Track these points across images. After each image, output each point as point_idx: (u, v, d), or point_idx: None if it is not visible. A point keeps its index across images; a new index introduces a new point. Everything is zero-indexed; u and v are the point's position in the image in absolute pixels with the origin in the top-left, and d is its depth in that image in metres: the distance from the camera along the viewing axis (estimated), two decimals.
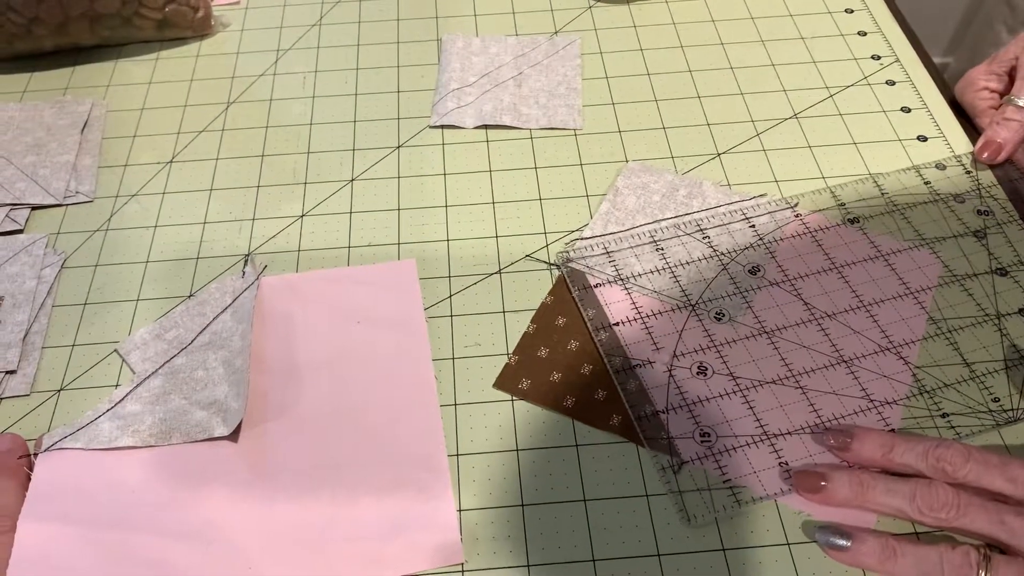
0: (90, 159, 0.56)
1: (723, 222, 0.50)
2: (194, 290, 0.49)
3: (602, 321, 0.45)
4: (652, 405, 0.42)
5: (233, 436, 0.41)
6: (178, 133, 0.58)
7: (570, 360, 0.44)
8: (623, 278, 0.47)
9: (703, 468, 0.40)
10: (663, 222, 0.50)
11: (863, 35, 0.63)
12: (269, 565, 0.38)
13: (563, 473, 0.40)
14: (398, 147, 0.56)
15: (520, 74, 0.60)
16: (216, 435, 0.41)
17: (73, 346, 0.46)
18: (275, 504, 0.40)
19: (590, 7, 0.66)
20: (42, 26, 0.60)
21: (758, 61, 0.61)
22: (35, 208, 0.53)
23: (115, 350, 0.46)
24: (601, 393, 0.43)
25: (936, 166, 0.53)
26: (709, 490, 0.39)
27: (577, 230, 0.51)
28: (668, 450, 0.40)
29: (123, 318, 0.47)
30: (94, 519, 0.39)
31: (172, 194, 0.54)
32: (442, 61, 0.62)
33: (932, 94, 0.58)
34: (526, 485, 0.40)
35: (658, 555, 0.38)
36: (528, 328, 0.46)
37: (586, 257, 0.48)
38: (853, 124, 0.56)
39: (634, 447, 0.41)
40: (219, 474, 0.40)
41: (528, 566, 0.38)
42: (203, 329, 0.46)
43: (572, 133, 0.57)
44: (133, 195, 0.54)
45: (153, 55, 0.64)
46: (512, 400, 0.43)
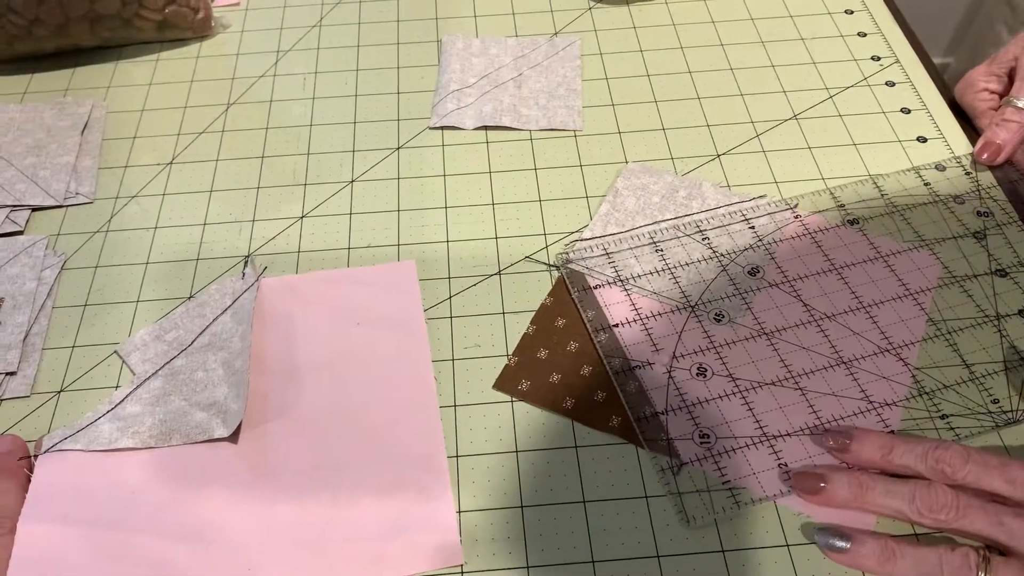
0: (90, 160, 0.56)
1: (723, 223, 0.50)
2: (194, 291, 0.49)
3: (601, 322, 0.45)
4: (651, 406, 0.42)
5: (233, 437, 0.41)
6: (178, 134, 0.58)
7: (570, 361, 0.44)
8: (622, 279, 0.47)
9: (702, 469, 0.40)
10: (663, 223, 0.50)
11: (863, 36, 0.63)
12: (269, 566, 0.38)
13: (562, 474, 0.40)
14: (398, 148, 0.56)
15: (520, 75, 0.60)
16: (216, 436, 0.41)
17: (73, 347, 0.46)
18: (275, 505, 0.40)
19: (590, 8, 0.66)
20: (42, 27, 0.60)
21: (758, 62, 0.61)
22: (35, 209, 0.53)
23: (115, 351, 0.46)
24: (600, 394, 0.43)
25: (936, 167, 0.53)
26: (708, 491, 0.39)
27: (577, 231, 0.51)
28: (667, 451, 0.40)
29: (123, 319, 0.47)
30: (94, 520, 0.39)
31: (172, 195, 0.54)
32: (442, 62, 0.62)
33: (932, 95, 0.58)
34: (525, 486, 0.40)
35: (657, 556, 0.38)
36: (528, 329, 0.46)
37: (586, 258, 0.48)
38: (853, 125, 0.56)
39: (633, 448, 0.41)
40: (219, 475, 0.41)
41: (527, 567, 0.38)
42: (203, 330, 0.46)
43: (572, 134, 0.57)
44: (133, 196, 0.54)
45: (153, 56, 0.64)
46: (512, 401, 0.43)
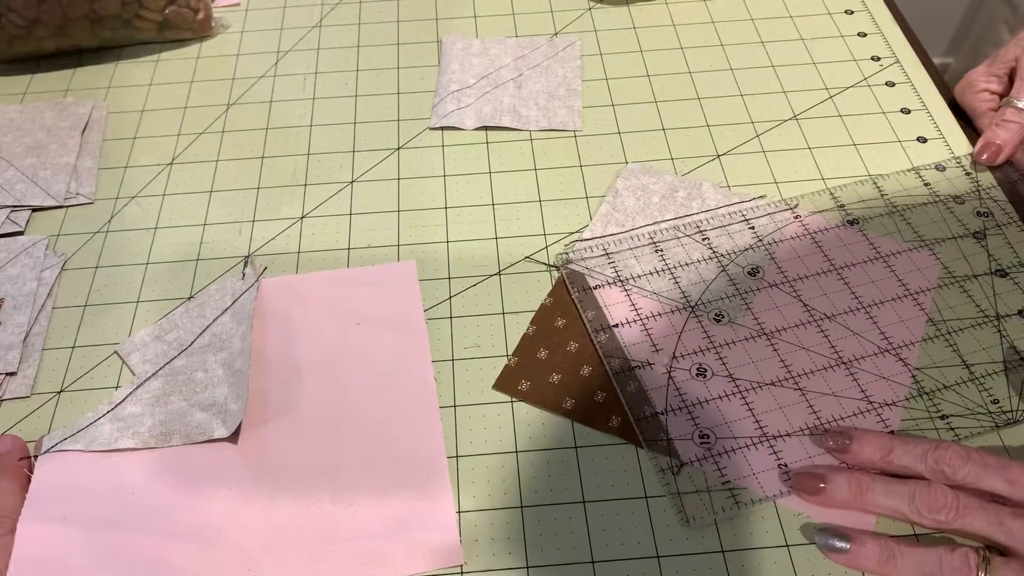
0: (91, 161, 0.56)
1: (722, 223, 0.50)
2: (194, 292, 0.49)
3: (601, 323, 0.45)
4: (651, 407, 0.42)
5: (233, 438, 0.41)
6: (178, 135, 0.58)
7: (569, 362, 0.44)
8: (622, 280, 0.47)
9: (702, 470, 0.40)
10: (662, 224, 0.50)
11: (863, 36, 0.63)
12: (268, 565, 0.38)
13: (562, 475, 0.40)
14: (398, 149, 0.56)
15: (520, 76, 0.60)
16: (216, 437, 0.41)
17: (73, 348, 0.46)
18: (275, 505, 0.40)
19: (590, 8, 0.66)
20: (43, 28, 0.60)
21: (758, 62, 0.61)
22: (36, 210, 0.53)
23: (115, 352, 0.46)
24: (600, 395, 0.43)
25: (936, 167, 0.53)
26: (708, 492, 0.39)
27: (576, 232, 0.51)
28: (667, 452, 0.40)
29: (123, 320, 0.47)
30: (94, 520, 0.39)
31: (172, 196, 0.54)
32: (442, 63, 0.62)
33: (932, 95, 0.58)
34: (525, 487, 0.40)
35: (657, 557, 0.38)
36: (528, 330, 0.46)
37: (585, 259, 0.48)
38: (853, 125, 0.56)
39: (633, 449, 0.41)
40: (219, 475, 0.41)
41: (527, 567, 0.38)
42: (203, 331, 0.46)
43: (572, 135, 0.57)
44: (133, 197, 0.54)
45: (154, 57, 0.64)
46: (511, 402, 0.43)
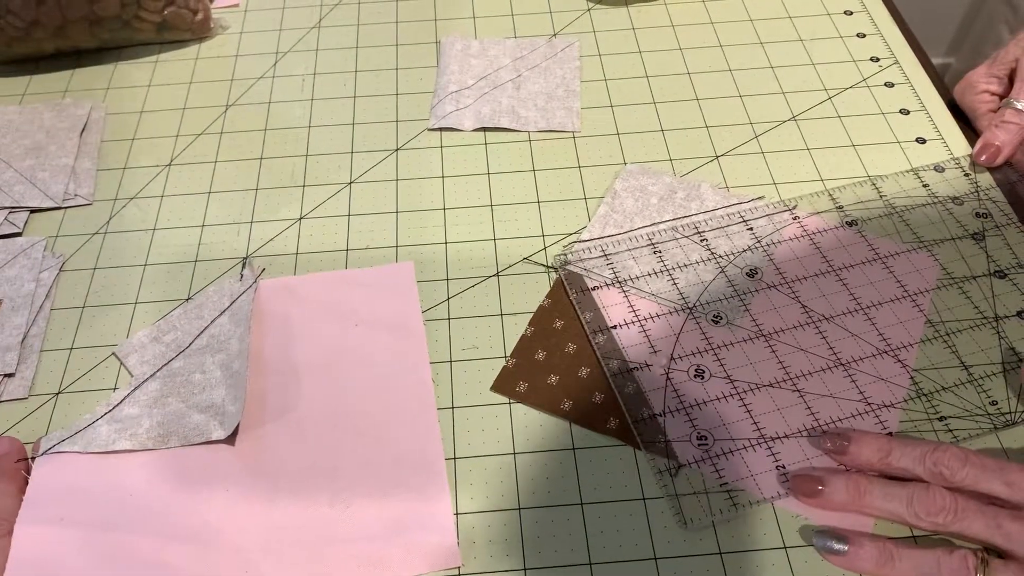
0: (89, 162, 0.56)
1: (721, 225, 0.50)
2: (192, 293, 0.49)
3: (599, 324, 0.45)
4: (649, 408, 0.42)
5: (231, 439, 0.41)
6: (177, 136, 0.58)
7: (568, 363, 0.44)
8: (621, 281, 0.47)
9: (700, 471, 0.40)
10: (661, 225, 0.50)
11: (862, 37, 0.63)
12: (266, 567, 0.38)
13: (560, 476, 0.40)
14: (396, 150, 0.56)
15: (519, 77, 0.60)
16: (214, 438, 0.41)
17: (71, 349, 0.46)
18: (273, 506, 0.40)
19: (589, 9, 0.66)
20: (41, 29, 0.60)
21: (757, 63, 0.61)
22: (34, 211, 0.53)
23: (113, 353, 0.46)
24: (598, 396, 0.43)
25: (935, 168, 0.53)
26: (706, 493, 0.39)
27: (575, 233, 0.50)
28: (665, 453, 0.40)
29: (121, 321, 0.47)
30: (92, 522, 0.39)
31: (171, 197, 0.54)
32: (440, 64, 0.62)
33: (931, 96, 0.58)
34: (523, 488, 0.40)
35: (655, 559, 0.38)
36: (526, 331, 0.46)
37: (584, 260, 0.48)
38: (852, 126, 0.56)
39: (631, 450, 0.41)
40: (217, 477, 0.41)
41: (525, 569, 0.38)
42: (201, 332, 0.46)
43: (570, 135, 0.56)
44: (132, 198, 0.54)
45: (152, 58, 0.64)
46: (510, 403, 0.43)
